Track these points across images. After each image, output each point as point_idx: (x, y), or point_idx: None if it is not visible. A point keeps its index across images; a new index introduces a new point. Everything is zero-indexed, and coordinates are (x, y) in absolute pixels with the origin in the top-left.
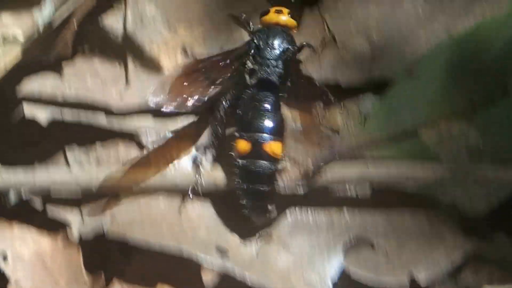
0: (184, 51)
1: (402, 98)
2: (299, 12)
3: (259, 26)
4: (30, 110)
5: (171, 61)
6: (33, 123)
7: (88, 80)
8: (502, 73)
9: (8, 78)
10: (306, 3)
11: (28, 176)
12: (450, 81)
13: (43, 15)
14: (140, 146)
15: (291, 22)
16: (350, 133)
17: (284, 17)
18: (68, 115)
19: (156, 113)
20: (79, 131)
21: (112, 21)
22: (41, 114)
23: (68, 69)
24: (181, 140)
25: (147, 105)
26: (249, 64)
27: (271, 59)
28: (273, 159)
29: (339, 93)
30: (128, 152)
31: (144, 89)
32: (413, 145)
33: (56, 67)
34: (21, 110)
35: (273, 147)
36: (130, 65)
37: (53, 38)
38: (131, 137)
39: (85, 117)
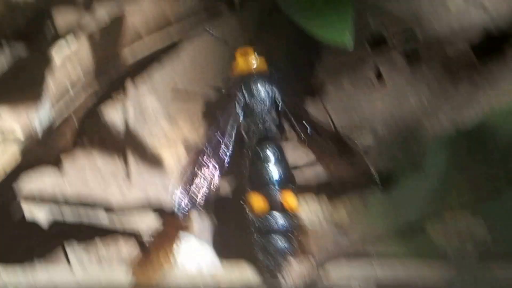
0: (185, 143)
1: (407, 191)
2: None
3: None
4: (30, 212)
5: (172, 154)
6: (33, 223)
7: (88, 175)
8: (508, 164)
9: (8, 177)
10: (308, 94)
11: (27, 276)
12: (455, 172)
13: (40, 115)
14: (141, 242)
15: (263, 64)
16: (354, 228)
17: (253, 61)
18: (69, 214)
19: (157, 209)
20: (79, 229)
21: (112, 114)
22: (41, 215)
23: (68, 164)
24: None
25: (148, 200)
26: (245, 127)
27: (263, 113)
28: (290, 213)
29: (343, 186)
30: (129, 249)
31: (145, 183)
32: (419, 242)
33: (55, 162)
34: (21, 210)
35: (287, 198)
36: (131, 159)
37: (52, 135)
38: (132, 234)
39: (85, 215)
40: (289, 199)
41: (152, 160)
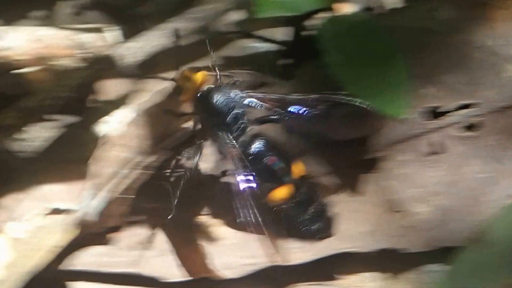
0: None
1: (468, 266)
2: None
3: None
4: None
5: None
6: None
7: (137, 251)
8: None
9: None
10: (362, 168)
11: None
12: None
13: (87, 198)
14: None
15: (203, 75)
16: None
17: (195, 76)
18: None
19: None
20: None
21: None
22: None
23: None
24: None
25: None
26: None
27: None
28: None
29: (402, 262)
30: None
31: None
32: None
33: (103, 240)
34: None
35: (295, 170)
36: None
37: (103, 214)
38: None
39: None
40: (297, 169)
41: None
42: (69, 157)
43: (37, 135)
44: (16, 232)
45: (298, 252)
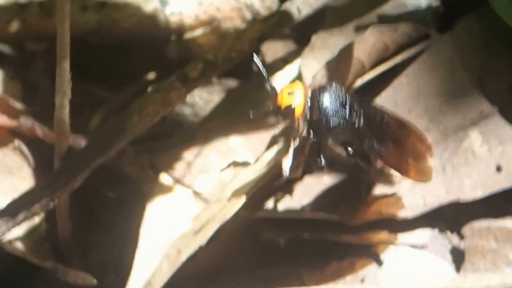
0: None
1: None
2: None
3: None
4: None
5: None
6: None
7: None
8: None
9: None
10: None
11: None
12: None
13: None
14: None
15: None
16: None
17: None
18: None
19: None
20: None
21: None
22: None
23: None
24: None
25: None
26: None
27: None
28: None
29: None
30: None
31: None
32: None
33: (286, 189)
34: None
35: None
36: None
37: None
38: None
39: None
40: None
41: None
42: (244, 114)
43: (208, 96)
44: (202, 185)
45: None
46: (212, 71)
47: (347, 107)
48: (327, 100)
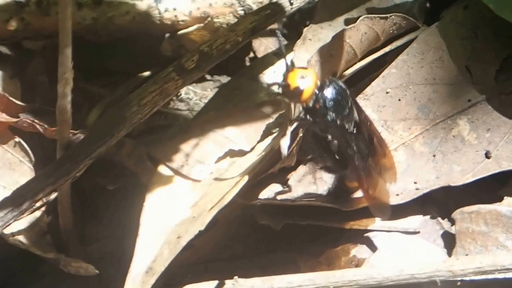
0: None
1: None
2: None
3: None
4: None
5: None
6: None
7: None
8: None
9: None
10: None
11: None
12: None
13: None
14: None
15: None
16: None
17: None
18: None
19: None
20: None
21: None
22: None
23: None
24: None
25: None
26: None
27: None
28: None
29: None
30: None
31: None
32: None
33: (281, 178)
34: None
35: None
36: None
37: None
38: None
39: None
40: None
41: None
42: (239, 105)
43: (202, 92)
44: (198, 175)
45: None
46: (208, 62)
47: (347, 108)
48: (334, 94)
